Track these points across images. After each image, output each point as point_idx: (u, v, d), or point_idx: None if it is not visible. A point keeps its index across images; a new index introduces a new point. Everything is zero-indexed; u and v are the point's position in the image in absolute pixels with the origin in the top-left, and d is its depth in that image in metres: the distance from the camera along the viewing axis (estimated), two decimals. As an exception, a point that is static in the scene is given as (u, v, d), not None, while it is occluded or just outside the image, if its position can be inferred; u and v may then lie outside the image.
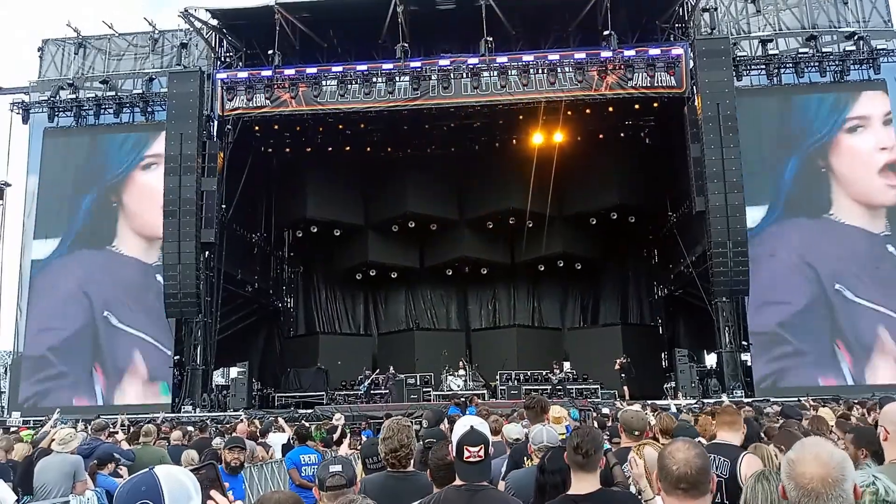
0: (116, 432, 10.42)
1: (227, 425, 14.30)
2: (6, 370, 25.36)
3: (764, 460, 3.55)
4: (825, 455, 2.03)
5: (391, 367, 23.82)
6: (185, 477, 2.00)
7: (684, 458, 2.43)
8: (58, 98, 24.97)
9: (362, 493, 3.41)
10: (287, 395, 25.07)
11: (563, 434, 5.28)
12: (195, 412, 20.94)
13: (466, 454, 3.27)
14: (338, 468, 3.42)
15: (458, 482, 3.35)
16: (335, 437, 11.73)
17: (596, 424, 7.43)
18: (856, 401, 14.26)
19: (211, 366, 22.84)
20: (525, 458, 4.99)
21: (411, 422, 4.11)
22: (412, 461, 3.93)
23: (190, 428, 12.27)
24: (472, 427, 3.35)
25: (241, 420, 13.32)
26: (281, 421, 13.69)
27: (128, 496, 1.93)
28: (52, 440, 7.37)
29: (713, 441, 4.60)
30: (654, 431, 6.70)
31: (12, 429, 14.71)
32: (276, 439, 11.93)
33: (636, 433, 4.87)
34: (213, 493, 2.06)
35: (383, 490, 3.71)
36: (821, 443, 2.15)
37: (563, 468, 3.62)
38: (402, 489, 3.74)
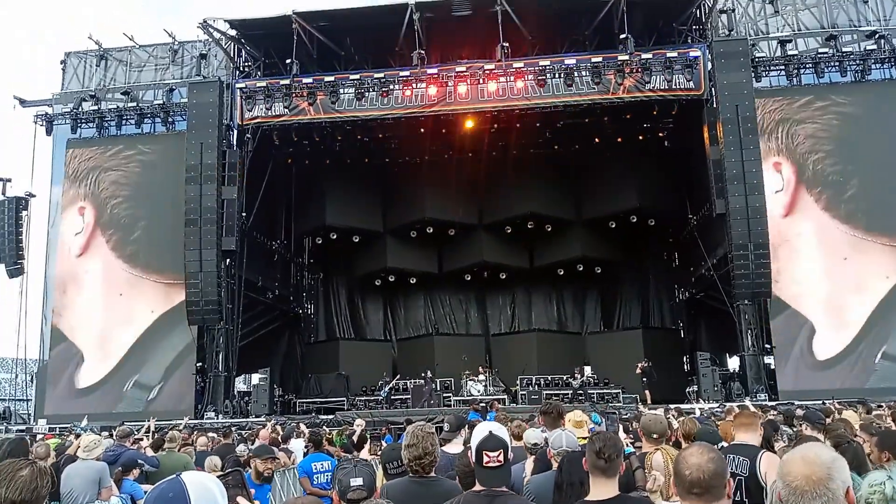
0: (141, 439, 10.54)
1: (250, 431, 14.41)
2: (32, 378, 25.71)
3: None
4: (811, 455, 2.09)
5: (428, 372, 23.81)
6: (211, 483, 2.03)
7: (697, 463, 2.45)
8: (80, 110, 25.35)
9: (384, 497, 3.44)
10: (308, 400, 25.20)
11: (583, 439, 5.27)
12: (218, 418, 21.11)
13: (486, 459, 3.29)
14: (359, 482, 3.43)
15: (477, 487, 3.37)
16: (356, 441, 11.76)
17: (620, 428, 7.37)
18: (880, 404, 14.09)
19: (233, 372, 23.01)
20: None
21: (434, 428, 4.13)
22: (434, 467, 3.95)
23: (213, 434, 12.37)
24: (490, 432, 3.37)
25: (265, 426, 13.42)
26: (302, 426, 13.76)
27: (155, 502, 1.97)
28: (78, 447, 7.47)
29: (732, 443, 4.62)
30: (677, 435, 6.67)
31: (38, 436, 14.91)
32: (298, 445, 11.99)
33: (654, 436, 4.87)
34: (239, 499, 2.09)
35: (406, 496, 3.73)
36: (812, 445, 2.19)
37: (581, 469, 3.63)
38: (426, 495, 3.77)
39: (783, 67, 22.72)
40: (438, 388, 23.85)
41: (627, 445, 5.04)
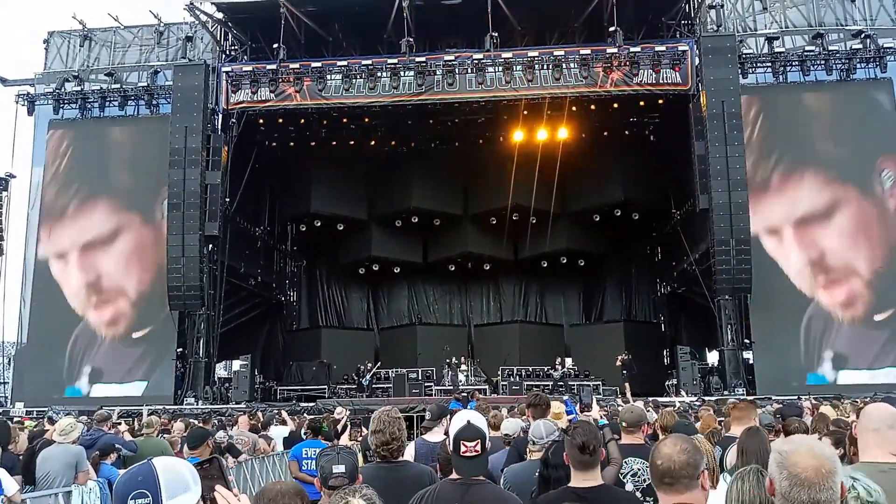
0: (119, 423, 10.48)
1: (230, 418, 14.37)
2: (10, 361, 25.47)
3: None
4: (818, 448, 2.10)
5: (453, 358, 23.72)
6: (183, 468, 2.02)
7: (668, 454, 2.47)
8: (63, 90, 25.00)
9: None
10: (289, 388, 25.15)
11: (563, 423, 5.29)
12: (197, 404, 21.03)
13: (463, 448, 3.30)
14: (341, 469, 3.43)
15: (453, 476, 3.37)
16: (338, 428, 11.78)
17: (595, 401, 7.36)
18: (855, 400, 14.27)
19: (213, 358, 22.90)
20: (528, 451, 5.02)
21: (400, 414, 4.14)
22: (402, 452, 3.95)
23: (193, 420, 12.32)
24: (468, 422, 3.38)
25: (244, 413, 13.39)
26: (284, 414, 13.74)
27: (125, 486, 1.96)
28: (54, 430, 7.42)
29: (726, 434, 4.70)
30: (655, 427, 6.73)
31: (15, 419, 14.78)
32: (278, 432, 11.98)
33: (624, 424, 4.91)
34: (218, 487, 2.08)
35: (375, 481, 3.74)
36: (811, 438, 2.18)
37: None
38: (395, 479, 3.78)
39: (770, 64, 22.84)
40: (420, 378, 23.89)
41: (602, 418, 5.08)
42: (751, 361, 21.22)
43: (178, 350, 22.67)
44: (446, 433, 4.81)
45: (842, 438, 4.46)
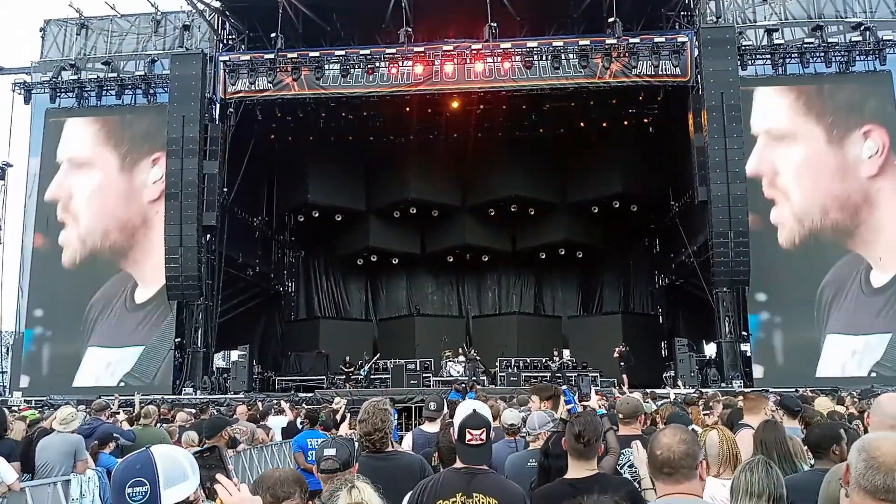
0: (118, 412, 10.48)
1: (228, 408, 14.37)
2: (8, 350, 25.44)
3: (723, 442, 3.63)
4: None
5: (473, 351, 23.67)
6: (181, 457, 2.01)
7: (668, 444, 2.49)
8: (59, 79, 24.88)
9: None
10: (287, 378, 25.17)
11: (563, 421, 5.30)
12: (196, 394, 21.04)
13: (469, 437, 3.30)
14: (331, 451, 3.44)
15: (458, 464, 3.37)
16: (337, 418, 11.79)
17: (593, 391, 7.34)
18: (851, 392, 14.34)
19: (212, 348, 22.90)
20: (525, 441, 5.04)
21: (390, 405, 4.15)
22: (388, 442, 3.96)
23: (192, 410, 12.33)
24: (474, 410, 3.38)
25: (243, 403, 13.39)
26: (283, 404, 13.74)
27: (123, 473, 1.95)
28: (54, 419, 7.41)
29: (741, 422, 4.81)
30: (656, 419, 6.75)
31: (13, 408, 14.77)
32: (276, 422, 12.00)
33: (621, 416, 4.93)
34: (219, 476, 2.07)
35: (365, 471, 3.75)
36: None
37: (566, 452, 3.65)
38: (384, 469, 3.78)
39: (769, 56, 22.80)
40: (418, 369, 23.91)
41: (600, 408, 5.10)
42: (748, 354, 21.27)
43: (177, 340, 22.67)
44: (448, 423, 4.82)
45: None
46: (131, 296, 23.39)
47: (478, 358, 23.80)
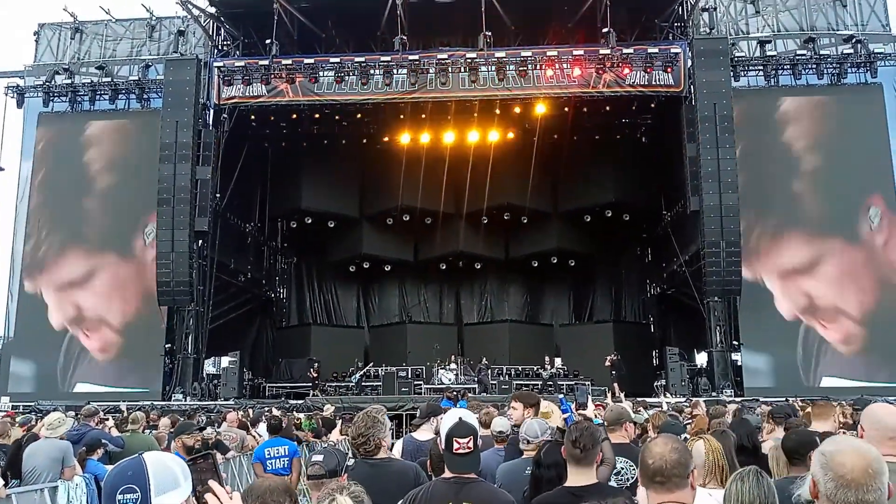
0: (107, 419, 10.40)
1: (218, 414, 14.30)
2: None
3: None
4: (864, 448, 2.08)
5: (483, 358, 23.58)
6: (173, 463, 1.99)
7: (660, 453, 2.49)
8: (53, 83, 24.81)
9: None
10: (278, 385, 25.07)
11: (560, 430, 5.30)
12: (185, 401, 20.92)
13: (456, 446, 3.28)
14: (319, 458, 3.43)
15: (447, 474, 3.36)
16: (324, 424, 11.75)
17: (589, 399, 7.37)
18: (841, 402, 14.34)
19: (202, 354, 22.80)
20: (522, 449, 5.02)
21: (384, 414, 4.17)
22: (379, 449, 3.98)
23: (179, 417, 12.24)
24: (460, 419, 3.37)
25: (232, 410, 13.32)
26: (275, 411, 13.68)
27: (114, 479, 1.94)
28: (42, 425, 7.36)
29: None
30: (647, 428, 6.74)
31: (1, 413, 14.66)
32: (265, 429, 11.92)
33: (606, 424, 4.92)
34: (211, 482, 2.05)
35: (357, 476, 3.76)
36: (857, 439, 2.17)
37: (560, 462, 3.65)
38: (375, 475, 3.78)
39: (761, 68, 22.95)
40: (409, 376, 23.86)
41: (596, 417, 5.10)
42: (739, 363, 21.32)
43: (167, 346, 22.56)
44: (437, 432, 4.81)
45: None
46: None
47: (485, 363, 23.74)
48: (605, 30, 21.52)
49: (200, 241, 22.47)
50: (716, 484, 3.34)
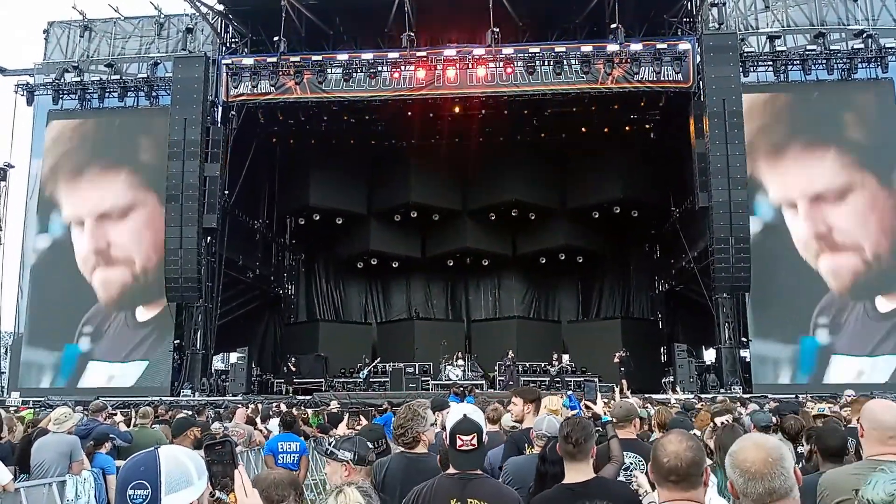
0: (115, 414, 10.47)
1: (227, 409, 14.35)
2: (7, 351, 25.43)
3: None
4: (761, 439, 2.22)
5: (510, 352, 23.58)
6: (188, 460, 1.97)
7: (675, 451, 2.45)
8: (62, 81, 24.92)
9: (386, 469, 3.68)
10: (285, 382, 25.09)
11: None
12: (194, 396, 21.03)
13: (459, 443, 3.28)
14: (348, 444, 3.47)
15: (451, 470, 3.35)
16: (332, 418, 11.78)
17: (599, 396, 7.34)
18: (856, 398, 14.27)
19: (211, 351, 22.90)
20: (526, 445, 5.01)
21: (427, 409, 4.17)
22: (418, 443, 3.99)
23: (188, 412, 12.30)
24: (464, 415, 3.36)
25: (242, 405, 13.37)
26: (282, 406, 13.73)
27: (127, 473, 1.92)
28: (49, 420, 7.40)
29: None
30: (651, 424, 6.72)
31: (11, 409, 14.76)
32: (275, 424, 11.96)
33: (615, 420, 4.90)
34: (239, 470, 2.05)
35: (397, 468, 3.92)
36: (757, 434, 2.24)
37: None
38: (412, 469, 3.82)
39: (771, 63, 22.80)
40: (417, 372, 23.89)
41: (605, 415, 5.07)
42: (748, 360, 21.23)
43: (176, 342, 22.68)
44: (443, 426, 4.81)
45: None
46: (132, 314, 23.36)
47: (511, 356, 23.54)
48: (613, 25, 21.43)
49: (209, 238, 22.54)
50: None
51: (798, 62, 22.63)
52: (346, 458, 3.36)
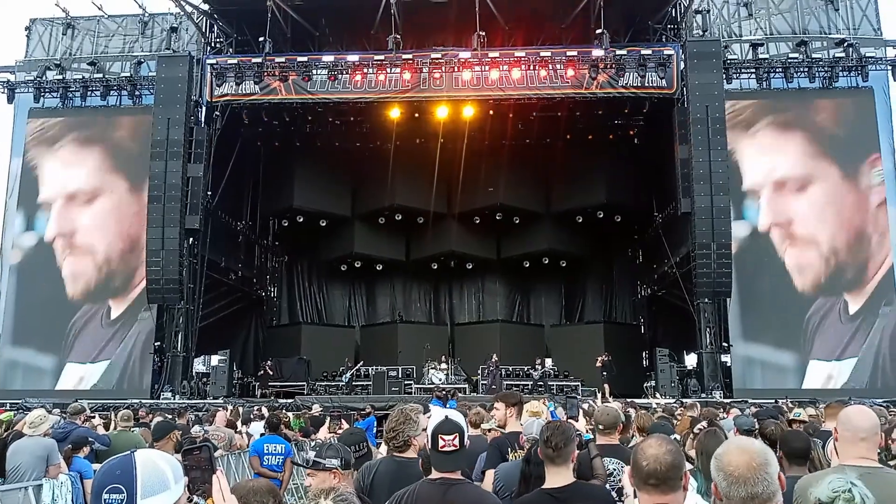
0: (93, 417, 10.35)
1: (207, 413, 14.24)
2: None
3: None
4: (746, 443, 2.24)
5: (493, 356, 23.50)
6: (165, 464, 1.94)
7: (654, 455, 2.46)
8: (44, 78, 24.65)
9: (374, 472, 3.68)
10: (268, 384, 24.91)
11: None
12: (174, 399, 20.83)
13: (441, 443, 3.26)
14: (333, 451, 3.43)
15: (433, 475, 3.33)
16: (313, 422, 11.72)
17: (581, 414, 7.39)
18: (830, 403, 14.38)
19: (192, 353, 22.69)
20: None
21: (420, 413, 4.16)
22: (409, 447, 3.97)
23: (168, 415, 12.19)
24: (446, 417, 3.35)
25: (222, 408, 13.27)
26: (264, 409, 13.64)
27: (103, 477, 1.90)
28: (24, 423, 7.30)
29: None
30: (633, 429, 6.73)
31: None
32: (258, 428, 11.88)
33: (601, 427, 4.90)
34: (218, 475, 2.03)
35: (379, 470, 3.91)
36: (743, 437, 2.25)
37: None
38: (397, 472, 3.79)
39: (754, 70, 23.02)
40: (400, 376, 23.82)
41: (587, 432, 5.07)
42: (728, 364, 21.38)
43: (156, 344, 22.46)
44: (424, 429, 4.80)
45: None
46: (107, 312, 23.17)
47: (495, 360, 23.50)
48: (598, 31, 21.54)
49: (191, 239, 22.38)
50: None
51: (780, 70, 22.88)
52: (334, 465, 3.33)
